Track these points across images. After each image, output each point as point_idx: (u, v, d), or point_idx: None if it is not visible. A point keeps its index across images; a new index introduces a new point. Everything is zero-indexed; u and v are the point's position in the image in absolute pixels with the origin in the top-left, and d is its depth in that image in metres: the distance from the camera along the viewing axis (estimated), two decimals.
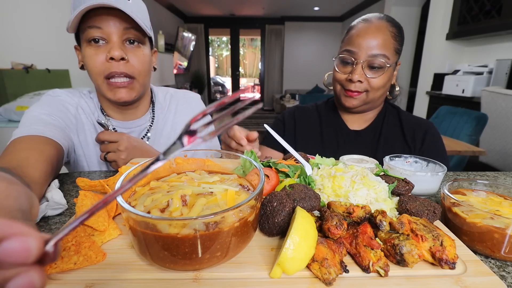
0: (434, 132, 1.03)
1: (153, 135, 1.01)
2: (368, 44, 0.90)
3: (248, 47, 11.27)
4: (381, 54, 0.90)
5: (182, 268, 0.38)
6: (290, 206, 0.45)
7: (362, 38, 0.91)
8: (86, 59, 0.81)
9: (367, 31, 0.92)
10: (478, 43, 3.61)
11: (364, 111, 1.04)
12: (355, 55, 0.92)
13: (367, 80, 0.92)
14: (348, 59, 0.93)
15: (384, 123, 1.06)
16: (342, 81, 0.97)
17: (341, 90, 0.99)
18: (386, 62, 0.90)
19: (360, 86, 0.93)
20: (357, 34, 0.93)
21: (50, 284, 0.36)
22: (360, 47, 0.91)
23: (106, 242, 0.44)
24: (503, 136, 2.62)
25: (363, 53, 0.91)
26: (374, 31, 0.91)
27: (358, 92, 0.94)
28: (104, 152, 0.85)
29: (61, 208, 0.61)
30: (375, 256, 0.39)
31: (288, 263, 0.36)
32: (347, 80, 0.94)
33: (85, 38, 0.79)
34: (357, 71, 0.91)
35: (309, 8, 7.77)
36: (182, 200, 0.41)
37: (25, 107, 2.09)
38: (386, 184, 0.57)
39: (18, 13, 2.73)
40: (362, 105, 0.98)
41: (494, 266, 0.47)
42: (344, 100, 0.98)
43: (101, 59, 0.80)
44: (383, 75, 0.92)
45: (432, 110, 3.71)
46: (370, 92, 0.95)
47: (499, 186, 0.60)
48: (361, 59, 0.91)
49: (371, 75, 0.91)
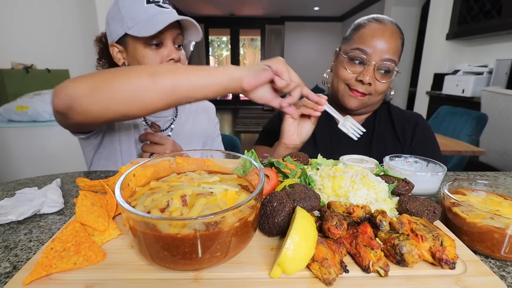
0: (424, 125, 1.03)
1: (176, 128, 1.09)
2: (383, 47, 0.88)
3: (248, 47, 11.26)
4: (392, 59, 0.89)
5: (182, 268, 0.38)
6: (290, 206, 0.45)
7: (378, 39, 0.88)
8: (145, 59, 0.89)
9: (382, 33, 0.89)
10: (478, 43, 3.61)
11: (359, 114, 1.04)
12: (368, 55, 0.89)
13: (374, 83, 0.91)
14: (360, 58, 0.91)
15: (376, 121, 1.06)
16: (349, 80, 0.94)
17: (345, 89, 0.96)
18: (394, 68, 0.90)
19: (367, 88, 0.92)
20: (372, 34, 0.90)
21: (50, 284, 0.36)
22: (375, 48, 0.88)
23: (106, 242, 0.44)
24: (503, 136, 2.62)
25: (377, 55, 0.88)
26: (389, 35, 0.89)
27: (364, 94, 0.93)
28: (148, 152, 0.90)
29: (58, 207, 0.62)
30: (375, 256, 0.39)
31: (288, 263, 0.36)
32: (357, 80, 0.91)
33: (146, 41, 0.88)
34: (369, 73, 0.89)
35: (309, 8, 7.77)
36: (182, 200, 0.41)
37: (25, 107, 2.09)
38: (386, 184, 0.57)
39: (18, 13, 2.73)
40: (361, 107, 0.97)
41: (494, 266, 0.47)
42: (347, 100, 0.96)
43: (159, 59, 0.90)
44: (387, 81, 0.92)
45: (432, 110, 3.71)
46: (373, 96, 0.94)
47: (499, 186, 0.60)
48: (374, 61, 0.88)
49: (380, 79, 0.90)
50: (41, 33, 2.94)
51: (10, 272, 0.43)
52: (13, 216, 0.57)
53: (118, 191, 0.38)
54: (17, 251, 0.48)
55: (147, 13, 0.86)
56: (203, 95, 0.68)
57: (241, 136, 6.15)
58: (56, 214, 0.61)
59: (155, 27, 0.83)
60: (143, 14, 0.86)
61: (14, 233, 0.54)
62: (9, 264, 0.45)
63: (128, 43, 0.90)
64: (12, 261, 0.46)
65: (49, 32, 3.01)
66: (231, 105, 10.16)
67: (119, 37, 0.90)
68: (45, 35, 2.98)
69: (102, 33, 1.02)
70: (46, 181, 0.79)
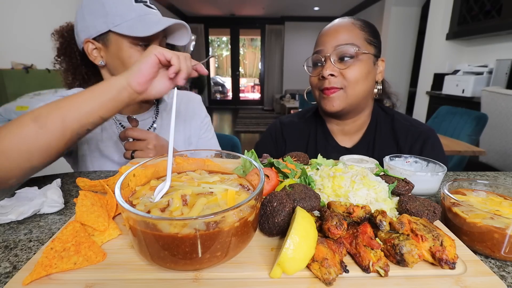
0: (434, 142, 0.95)
1: (158, 127, 1.06)
2: (332, 38, 0.88)
3: (248, 47, 11.27)
4: (348, 43, 0.86)
5: (182, 268, 0.38)
6: (290, 206, 0.45)
7: (326, 35, 0.91)
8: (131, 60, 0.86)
9: (329, 29, 0.92)
10: (478, 43, 3.61)
11: (349, 114, 0.96)
12: (322, 52, 0.90)
13: (341, 73, 0.88)
14: (317, 59, 0.92)
15: (376, 135, 0.98)
16: (317, 83, 0.93)
17: (320, 94, 0.94)
18: (355, 51, 0.86)
19: (335, 81, 0.88)
20: (321, 34, 0.93)
21: (50, 284, 0.36)
22: (325, 43, 0.89)
23: (106, 242, 0.44)
24: (503, 136, 2.62)
25: (328, 47, 0.88)
26: (336, 27, 0.90)
27: (335, 89, 0.89)
28: (130, 150, 0.86)
29: (58, 207, 0.62)
30: (375, 256, 0.39)
31: (288, 263, 0.36)
32: (320, 79, 0.90)
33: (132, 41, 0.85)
34: (328, 66, 0.87)
35: (309, 8, 7.77)
36: (183, 200, 0.41)
37: (25, 107, 2.09)
38: (386, 184, 0.57)
39: (18, 13, 2.73)
40: (344, 106, 0.90)
41: (494, 266, 0.47)
42: (324, 104, 0.92)
43: None
44: (357, 65, 0.87)
45: (432, 110, 3.71)
46: (348, 88, 0.88)
47: (499, 186, 0.60)
48: (328, 53, 0.88)
49: (342, 66, 0.87)
50: (41, 33, 2.92)
51: (10, 272, 0.43)
52: (13, 216, 0.57)
53: (118, 191, 0.38)
54: (17, 251, 0.48)
55: (136, 12, 0.84)
56: (99, 117, 0.65)
57: (241, 136, 6.16)
58: (56, 214, 0.61)
59: (152, 28, 0.81)
60: (132, 12, 0.83)
61: (14, 233, 0.54)
62: (9, 264, 0.45)
63: (111, 40, 0.86)
64: (12, 261, 0.46)
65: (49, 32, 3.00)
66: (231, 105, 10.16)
67: (100, 33, 0.85)
68: (45, 35, 2.97)
69: (63, 26, 0.96)
70: (46, 181, 0.79)
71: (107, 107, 0.65)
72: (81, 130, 0.65)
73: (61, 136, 0.63)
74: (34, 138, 0.61)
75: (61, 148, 0.65)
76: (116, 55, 0.87)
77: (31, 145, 0.61)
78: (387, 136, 0.98)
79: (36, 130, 0.61)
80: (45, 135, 0.61)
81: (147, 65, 0.65)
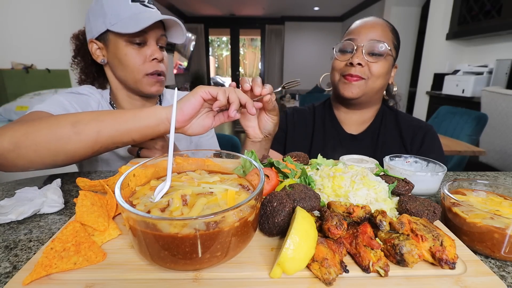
0: (433, 136, 1.03)
1: None
2: (368, 31, 0.93)
3: (248, 47, 11.26)
4: (381, 40, 0.92)
5: (182, 268, 0.38)
6: (290, 206, 0.45)
7: (362, 27, 0.95)
8: (127, 58, 0.89)
9: (366, 22, 0.96)
10: (478, 43, 3.61)
11: (361, 105, 1.02)
12: (355, 41, 0.93)
13: (367, 65, 0.92)
14: (348, 46, 0.95)
15: (382, 125, 1.05)
16: (341, 68, 0.97)
17: (340, 78, 0.98)
18: (385, 49, 0.91)
19: (360, 70, 0.92)
20: (357, 25, 0.97)
21: (50, 284, 0.36)
22: (360, 33, 0.94)
23: (106, 242, 0.44)
24: (503, 136, 2.62)
25: (363, 38, 0.92)
26: (372, 23, 0.95)
27: (358, 77, 0.93)
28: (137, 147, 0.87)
29: (58, 207, 0.62)
30: (375, 256, 0.39)
31: (288, 263, 0.36)
32: (347, 65, 0.94)
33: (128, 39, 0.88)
34: (358, 54, 0.92)
35: (309, 8, 7.77)
36: (183, 200, 0.41)
37: (25, 107, 2.09)
38: (386, 184, 0.57)
39: (18, 13, 2.73)
40: (361, 95, 0.95)
41: (494, 266, 0.47)
42: (343, 89, 0.96)
43: (142, 58, 0.90)
44: (383, 62, 0.93)
45: (432, 110, 3.71)
46: (370, 80, 0.93)
47: (499, 186, 0.60)
48: (362, 43, 0.92)
49: (371, 59, 0.92)
50: (41, 33, 2.94)
51: (10, 272, 0.43)
52: (13, 216, 0.57)
53: (118, 191, 0.38)
54: (17, 251, 0.48)
55: (131, 11, 0.86)
56: (130, 138, 0.67)
57: (241, 136, 6.15)
58: (56, 214, 0.61)
59: (140, 24, 0.82)
60: (128, 11, 0.85)
61: (14, 233, 0.54)
62: (9, 264, 0.45)
63: (110, 40, 0.89)
64: (12, 261, 0.46)
65: (49, 32, 3.00)
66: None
67: (100, 33, 0.89)
68: (45, 35, 2.98)
69: (80, 30, 1.02)
70: (46, 181, 0.79)
71: (142, 133, 0.67)
72: (111, 146, 0.67)
73: (91, 146, 0.65)
74: (66, 141, 0.63)
75: (85, 157, 0.67)
76: (114, 54, 0.90)
77: (61, 147, 0.63)
78: (391, 126, 1.05)
79: (71, 134, 0.63)
80: (77, 141, 0.63)
81: (190, 105, 0.66)
